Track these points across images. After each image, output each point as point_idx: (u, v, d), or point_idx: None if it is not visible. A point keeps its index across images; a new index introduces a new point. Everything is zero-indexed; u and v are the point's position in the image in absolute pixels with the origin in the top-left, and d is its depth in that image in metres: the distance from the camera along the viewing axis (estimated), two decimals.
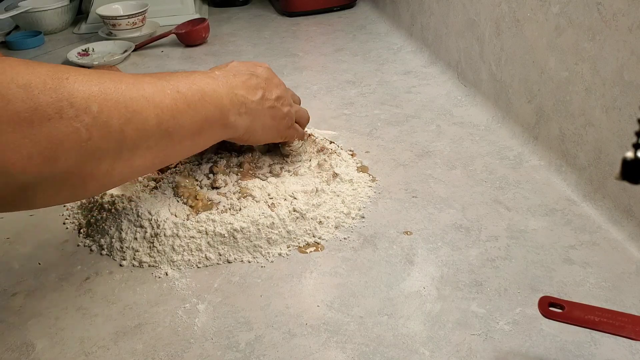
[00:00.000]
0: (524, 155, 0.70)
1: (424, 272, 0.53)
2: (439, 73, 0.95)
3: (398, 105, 0.86)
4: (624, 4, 0.54)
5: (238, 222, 0.56)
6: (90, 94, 0.41)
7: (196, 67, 1.06)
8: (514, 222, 0.59)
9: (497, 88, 0.79)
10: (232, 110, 0.54)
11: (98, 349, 0.47)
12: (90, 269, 0.56)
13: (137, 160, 0.46)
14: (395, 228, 0.59)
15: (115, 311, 0.50)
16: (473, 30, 0.84)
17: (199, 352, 0.46)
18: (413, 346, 0.45)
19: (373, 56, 1.06)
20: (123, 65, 1.08)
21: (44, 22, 1.28)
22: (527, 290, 0.50)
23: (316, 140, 0.71)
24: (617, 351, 0.44)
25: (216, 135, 0.55)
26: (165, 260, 0.55)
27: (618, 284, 0.50)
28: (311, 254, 0.56)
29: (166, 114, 0.47)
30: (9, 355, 0.47)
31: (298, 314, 0.49)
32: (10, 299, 0.53)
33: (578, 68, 0.62)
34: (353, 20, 1.29)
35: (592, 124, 0.60)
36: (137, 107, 0.44)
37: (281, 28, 1.27)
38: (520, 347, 0.44)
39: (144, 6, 1.20)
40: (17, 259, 0.58)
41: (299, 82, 0.96)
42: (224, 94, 0.53)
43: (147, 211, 0.57)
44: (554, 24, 0.65)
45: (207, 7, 1.47)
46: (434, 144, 0.74)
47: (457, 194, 0.64)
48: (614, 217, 0.57)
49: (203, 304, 0.51)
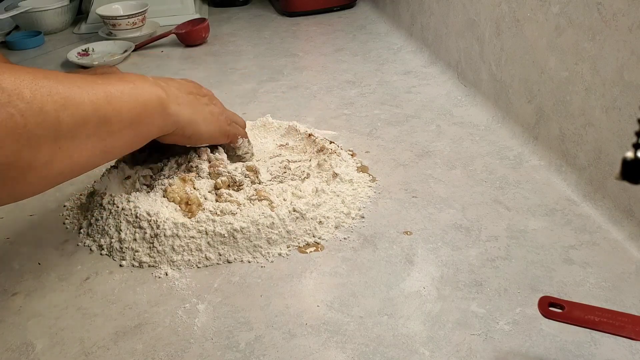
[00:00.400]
0: (524, 155, 0.70)
1: (424, 272, 0.53)
2: (439, 73, 0.95)
3: (398, 105, 0.86)
4: (624, 4, 0.54)
5: (238, 222, 0.56)
6: (21, 80, 0.41)
7: (196, 67, 1.06)
8: (514, 222, 0.59)
9: (497, 88, 0.79)
10: (170, 99, 0.55)
11: (98, 349, 0.47)
12: (90, 269, 0.56)
13: (77, 150, 0.46)
14: (395, 228, 0.59)
15: (115, 311, 0.50)
16: (473, 30, 0.84)
17: (199, 352, 0.46)
18: (413, 346, 0.45)
19: (373, 56, 1.06)
20: (123, 65, 1.08)
21: (44, 22, 1.28)
22: (527, 290, 0.50)
23: (316, 140, 0.71)
24: (617, 351, 0.44)
25: (159, 125, 0.55)
26: (165, 261, 0.55)
27: (618, 284, 0.50)
28: (311, 254, 0.56)
29: (101, 100, 0.47)
30: (9, 355, 0.47)
31: (298, 314, 0.49)
32: (10, 299, 0.53)
33: (578, 68, 0.62)
34: (353, 20, 1.29)
35: (592, 124, 0.60)
36: (70, 93, 0.45)
37: (281, 28, 1.27)
38: (520, 347, 0.44)
39: (144, 6, 1.20)
40: (17, 259, 0.58)
41: (299, 82, 0.96)
42: (156, 87, 0.54)
43: (146, 212, 0.57)
44: (554, 24, 0.65)
45: (207, 7, 1.48)
46: (434, 144, 0.74)
47: (457, 194, 0.64)
48: (614, 217, 0.57)
49: (203, 304, 0.51)
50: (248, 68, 1.04)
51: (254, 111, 0.86)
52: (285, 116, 0.83)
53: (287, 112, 0.85)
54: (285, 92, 0.93)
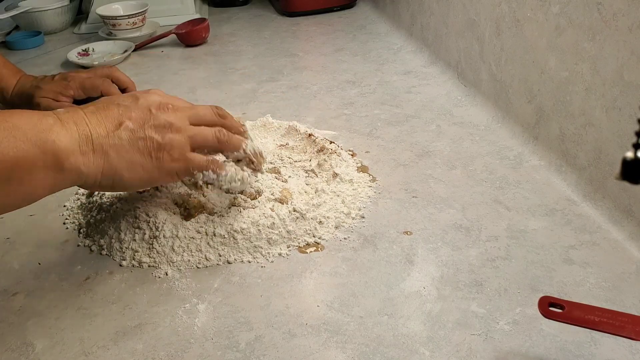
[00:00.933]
0: (524, 155, 0.70)
1: (424, 272, 0.53)
2: (439, 73, 0.95)
3: (398, 105, 0.86)
4: (624, 4, 0.54)
5: (238, 223, 0.56)
6: None
7: (196, 67, 1.06)
8: (514, 222, 0.59)
9: (497, 88, 0.79)
10: (70, 148, 0.44)
11: (98, 349, 0.47)
12: (90, 269, 0.56)
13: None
14: (395, 228, 0.59)
15: (115, 311, 0.50)
16: (473, 30, 0.84)
17: (199, 352, 0.46)
18: (413, 346, 0.45)
19: (373, 56, 1.06)
20: (123, 65, 1.08)
21: (44, 22, 1.28)
22: (527, 290, 0.50)
23: (316, 140, 0.71)
24: (617, 351, 0.44)
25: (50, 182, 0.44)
26: (165, 261, 0.55)
27: (618, 284, 0.50)
28: (311, 254, 0.56)
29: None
30: (9, 355, 0.47)
31: (298, 314, 0.49)
32: (10, 299, 0.53)
33: (578, 68, 0.62)
34: (353, 20, 1.29)
35: (592, 124, 0.60)
36: None
37: (281, 28, 1.27)
38: (520, 347, 0.44)
39: (144, 6, 1.20)
40: (17, 259, 0.58)
41: (299, 82, 0.96)
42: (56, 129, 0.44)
43: (145, 213, 0.57)
44: (554, 24, 0.65)
45: (207, 7, 1.47)
46: (434, 144, 0.74)
47: (457, 194, 0.64)
48: (614, 217, 0.57)
49: (203, 304, 0.51)
50: (248, 68, 1.04)
51: (254, 111, 0.86)
52: (285, 116, 0.83)
53: (287, 112, 0.85)
54: (285, 92, 0.93)
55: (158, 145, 0.49)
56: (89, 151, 0.45)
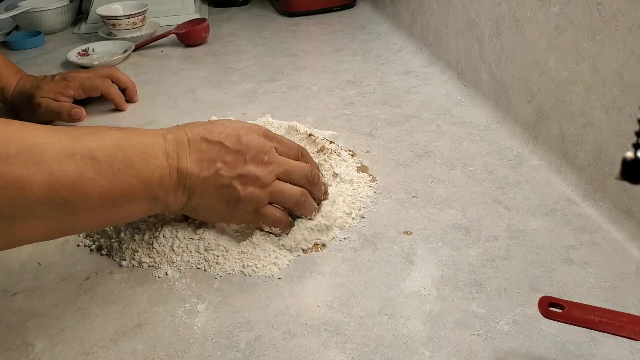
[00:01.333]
0: (524, 155, 0.70)
1: (424, 272, 0.53)
2: (439, 73, 0.95)
3: (398, 105, 0.86)
4: (624, 4, 0.54)
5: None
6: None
7: (196, 67, 1.06)
8: (514, 222, 0.59)
9: (497, 88, 0.79)
10: (164, 186, 0.48)
11: (98, 349, 0.47)
12: (90, 269, 0.56)
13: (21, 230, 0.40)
14: (395, 228, 0.59)
15: (115, 311, 0.50)
16: (473, 30, 0.84)
17: (199, 352, 0.46)
18: (413, 346, 0.45)
19: (373, 56, 1.06)
20: (123, 65, 1.08)
21: (44, 22, 1.28)
22: (527, 290, 0.50)
23: (316, 140, 0.71)
24: (617, 351, 0.44)
25: (144, 209, 0.49)
26: (165, 261, 0.55)
27: (618, 284, 0.50)
28: (311, 254, 0.56)
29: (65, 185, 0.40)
30: (9, 355, 0.47)
31: (298, 314, 0.49)
32: (10, 299, 0.53)
33: (578, 68, 0.62)
34: (353, 20, 1.29)
35: (592, 124, 0.60)
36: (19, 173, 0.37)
37: (281, 28, 1.27)
38: (520, 347, 0.44)
39: (144, 6, 1.20)
40: (17, 259, 0.58)
41: (299, 82, 0.96)
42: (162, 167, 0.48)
43: None
44: (554, 24, 0.65)
45: (207, 7, 1.47)
46: (434, 144, 0.74)
47: (457, 194, 0.64)
48: (614, 217, 0.57)
49: (203, 304, 0.51)
50: (248, 68, 1.04)
51: (254, 111, 0.86)
52: (285, 116, 0.83)
53: (287, 112, 0.85)
54: (285, 92, 0.93)
55: (238, 197, 0.52)
56: (179, 189, 0.50)
